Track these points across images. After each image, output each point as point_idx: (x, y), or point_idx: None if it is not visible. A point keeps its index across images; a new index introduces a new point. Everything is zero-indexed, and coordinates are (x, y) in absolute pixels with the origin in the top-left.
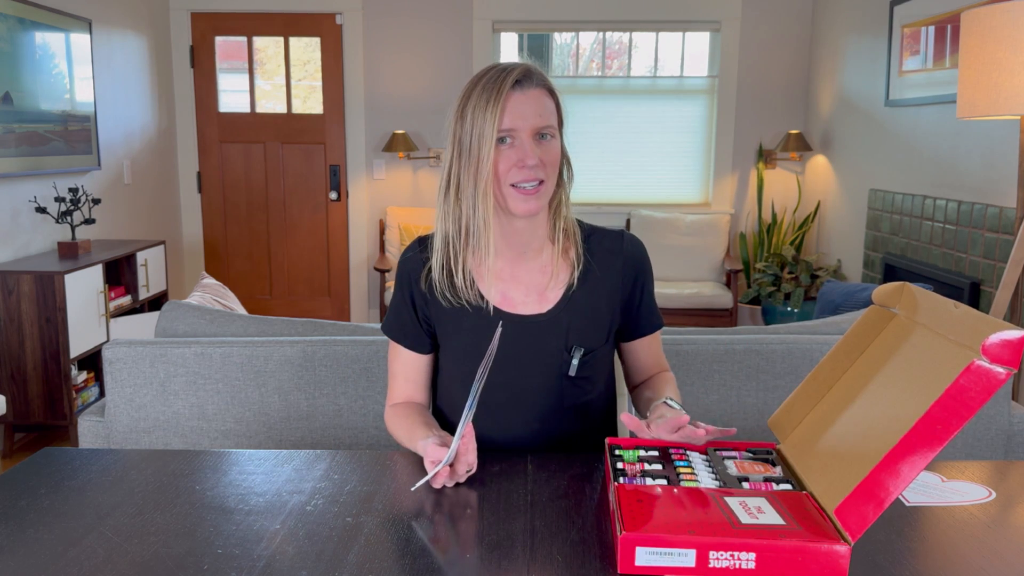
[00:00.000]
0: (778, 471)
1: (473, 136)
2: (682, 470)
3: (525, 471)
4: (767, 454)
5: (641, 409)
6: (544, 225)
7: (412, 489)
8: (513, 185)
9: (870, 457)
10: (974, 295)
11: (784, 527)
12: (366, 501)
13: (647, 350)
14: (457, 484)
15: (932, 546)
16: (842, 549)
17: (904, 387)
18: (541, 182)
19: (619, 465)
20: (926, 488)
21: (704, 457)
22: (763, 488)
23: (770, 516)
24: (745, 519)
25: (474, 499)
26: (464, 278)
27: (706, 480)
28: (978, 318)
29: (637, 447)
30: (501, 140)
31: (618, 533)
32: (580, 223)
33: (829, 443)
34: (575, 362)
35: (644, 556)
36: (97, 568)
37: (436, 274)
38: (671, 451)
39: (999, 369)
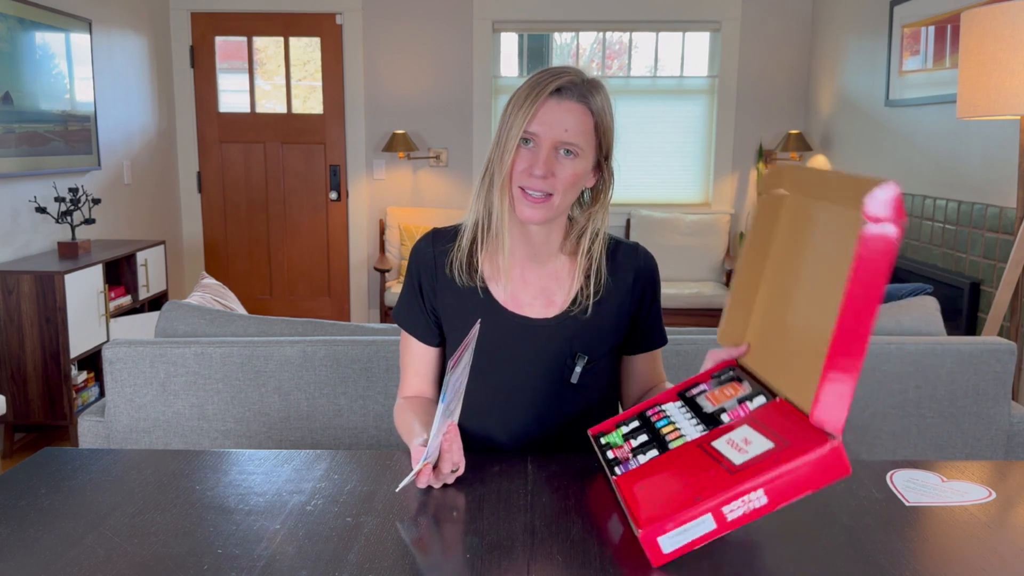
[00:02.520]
0: (747, 387)
1: (504, 131)
2: (665, 430)
3: (525, 471)
4: (731, 372)
5: None
6: (558, 236)
7: (396, 490)
8: (521, 188)
9: (819, 347)
10: (974, 295)
11: (774, 449)
12: (366, 501)
13: (647, 364)
14: (449, 485)
15: (932, 546)
16: (833, 444)
17: (824, 267)
18: (549, 195)
19: (609, 454)
20: (926, 488)
21: (678, 404)
22: (740, 412)
23: (757, 444)
24: (738, 459)
25: (474, 499)
26: (479, 270)
27: (689, 429)
28: (853, 180)
29: (618, 425)
30: (525, 141)
31: (635, 531)
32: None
33: (781, 341)
34: (578, 369)
35: (669, 542)
36: (97, 568)
37: (462, 251)
38: (648, 413)
39: (889, 229)
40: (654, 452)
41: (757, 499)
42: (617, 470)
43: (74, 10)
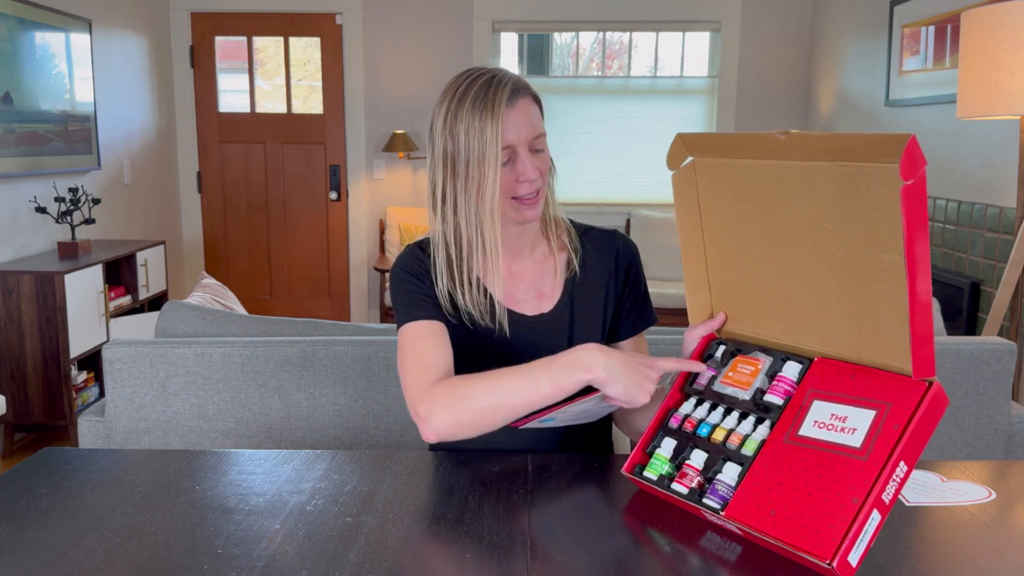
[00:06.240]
0: (765, 358)
1: (471, 157)
2: (717, 437)
3: (525, 471)
4: (721, 345)
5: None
6: (538, 220)
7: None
8: (515, 198)
9: (881, 302)
10: (974, 295)
11: (880, 415)
12: (366, 501)
13: (634, 350)
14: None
15: (932, 546)
16: (934, 388)
17: (827, 223)
18: (538, 190)
19: (678, 488)
20: (926, 488)
21: (694, 402)
22: (785, 387)
23: (856, 416)
24: (854, 440)
25: (474, 499)
26: (468, 278)
27: (741, 425)
28: (839, 138)
29: (653, 453)
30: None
31: (827, 566)
32: (573, 223)
33: (793, 300)
34: None
35: (855, 556)
36: (97, 568)
37: (440, 274)
38: (673, 425)
39: (921, 176)
40: (736, 468)
41: (901, 471)
42: (711, 503)
43: (74, 10)
